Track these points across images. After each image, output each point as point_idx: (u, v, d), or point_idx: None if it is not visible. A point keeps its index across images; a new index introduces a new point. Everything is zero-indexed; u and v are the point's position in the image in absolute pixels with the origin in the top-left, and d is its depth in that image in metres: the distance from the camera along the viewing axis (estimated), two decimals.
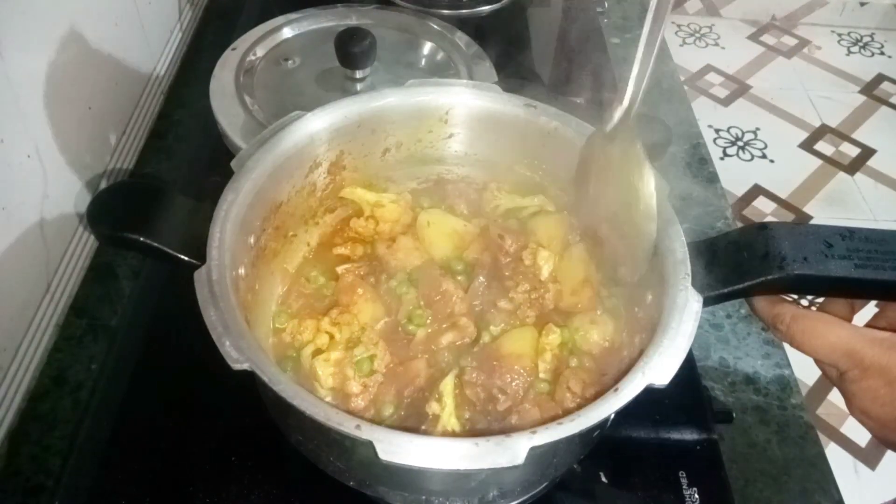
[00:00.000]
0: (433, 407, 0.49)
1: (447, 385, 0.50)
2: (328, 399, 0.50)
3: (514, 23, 0.99)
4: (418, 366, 0.52)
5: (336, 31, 0.74)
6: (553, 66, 0.96)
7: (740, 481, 0.60)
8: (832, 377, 0.48)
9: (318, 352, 0.52)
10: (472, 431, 0.49)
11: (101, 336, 0.67)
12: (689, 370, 0.63)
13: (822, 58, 2.63)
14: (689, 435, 0.59)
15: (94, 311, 0.69)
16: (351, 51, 0.72)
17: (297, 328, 0.54)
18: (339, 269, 0.58)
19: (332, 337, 0.53)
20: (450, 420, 0.49)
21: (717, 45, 2.66)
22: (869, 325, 0.49)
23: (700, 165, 0.88)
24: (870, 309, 0.49)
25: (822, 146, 2.28)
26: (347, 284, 0.56)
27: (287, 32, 0.84)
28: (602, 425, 0.43)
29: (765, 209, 2.09)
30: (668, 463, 0.57)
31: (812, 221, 2.02)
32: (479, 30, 0.88)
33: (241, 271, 0.49)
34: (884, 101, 2.45)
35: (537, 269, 0.56)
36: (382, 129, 0.59)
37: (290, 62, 0.80)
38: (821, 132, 2.32)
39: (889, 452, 1.52)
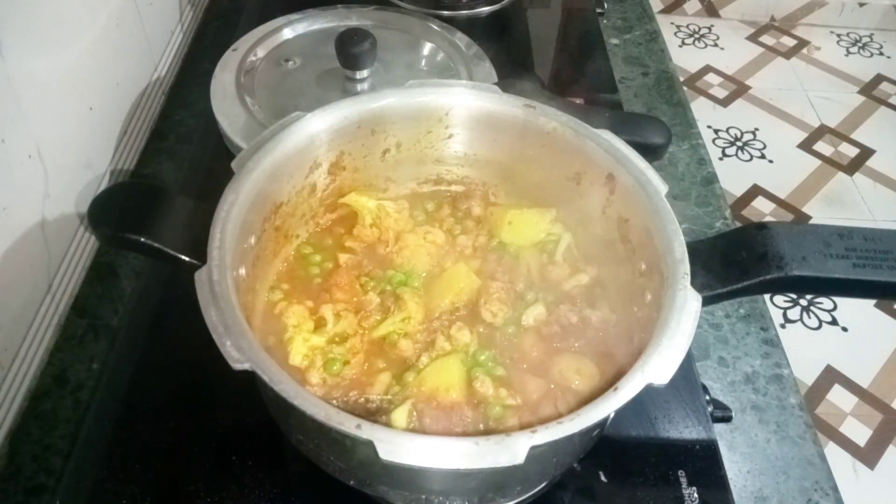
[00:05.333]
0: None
1: (399, 415, 0.48)
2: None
3: (514, 24, 1.00)
4: (382, 379, 0.51)
5: (336, 31, 0.74)
6: (553, 66, 0.96)
7: (739, 481, 0.60)
8: None
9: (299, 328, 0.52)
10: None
11: (102, 336, 0.67)
12: (689, 369, 0.63)
13: (822, 58, 2.63)
14: (688, 434, 0.59)
15: (95, 310, 0.70)
16: (351, 51, 0.72)
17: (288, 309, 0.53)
18: (342, 258, 0.58)
19: (322, 324, 0.53)
20: None
21: (716, 45, 2.65)
22: None
23: (699, 165, 0.88)
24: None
25: (821, 146, 2.28)
26: (344, 277, 0.56)
27: (287, 33, 0.84)
28: (602, 424, 0.43)
29: (764, 209, 2.09)
30: (667, 462, 0.57)
31: (811, 221, 2.03)
32: (478, 31, 0.88)
33: (242, 271, 0.49)
34: (883, 102, 2.46)
35: None
36: (382, 130, 0.59)
37: (290, 63, 0.80)
38: (820, 132, 2.33)
39: (888, 453, 1.53)
